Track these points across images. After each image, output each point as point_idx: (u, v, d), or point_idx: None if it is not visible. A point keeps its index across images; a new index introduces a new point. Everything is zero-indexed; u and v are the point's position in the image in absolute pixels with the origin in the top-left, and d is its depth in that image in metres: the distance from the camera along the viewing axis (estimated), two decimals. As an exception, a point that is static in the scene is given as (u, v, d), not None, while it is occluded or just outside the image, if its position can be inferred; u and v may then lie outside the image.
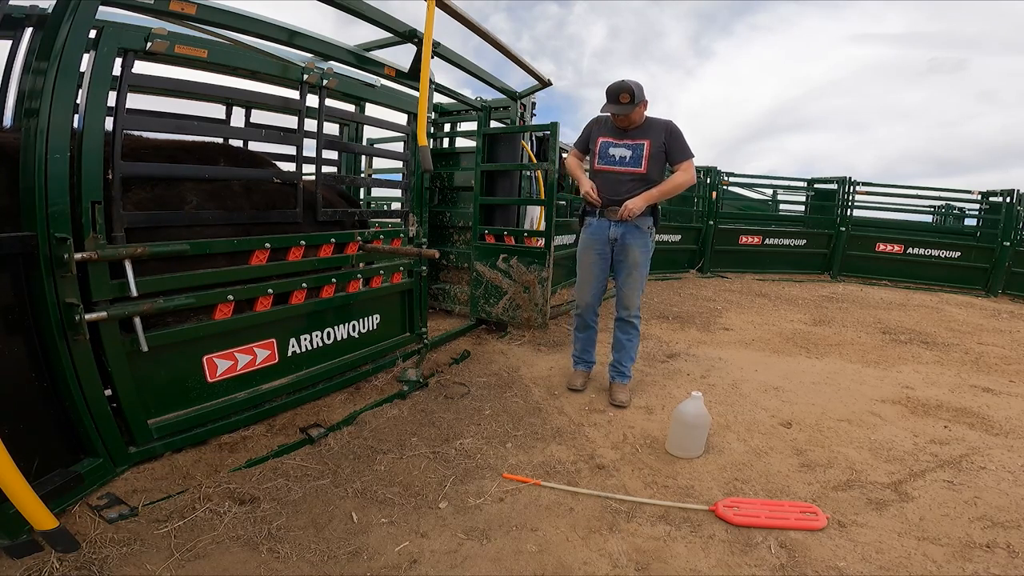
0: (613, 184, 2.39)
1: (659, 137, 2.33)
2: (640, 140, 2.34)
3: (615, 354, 2.59)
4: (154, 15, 1.73)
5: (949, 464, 2.00)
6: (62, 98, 1.40)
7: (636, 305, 2.49)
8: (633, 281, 2.45)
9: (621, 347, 2.56)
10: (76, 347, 1.48)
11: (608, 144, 2.40)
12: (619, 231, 2.40)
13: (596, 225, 2.46)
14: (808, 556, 1.44)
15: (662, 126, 2.34)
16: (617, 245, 2.43)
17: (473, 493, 1.70)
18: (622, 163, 2.36)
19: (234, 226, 1.99)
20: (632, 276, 2.44)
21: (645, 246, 2.42)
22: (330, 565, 1.35)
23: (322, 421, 2.13)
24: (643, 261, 2.43)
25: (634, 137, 2.36)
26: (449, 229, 4.10)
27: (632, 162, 2.35)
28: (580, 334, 2.69)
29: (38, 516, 1.24)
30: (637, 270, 2.43)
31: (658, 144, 2.33)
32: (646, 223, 2.40)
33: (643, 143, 2.33)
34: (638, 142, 2.34)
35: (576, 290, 2.62)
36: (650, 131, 2.35)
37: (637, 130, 2.36)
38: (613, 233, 2.41)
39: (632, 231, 2.40)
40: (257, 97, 2.23)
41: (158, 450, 1.75)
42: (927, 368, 3.30)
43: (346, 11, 2.21)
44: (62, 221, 1.42)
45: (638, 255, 2.41)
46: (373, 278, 2.63)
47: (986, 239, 6.89)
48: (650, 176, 2.35)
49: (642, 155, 2.33)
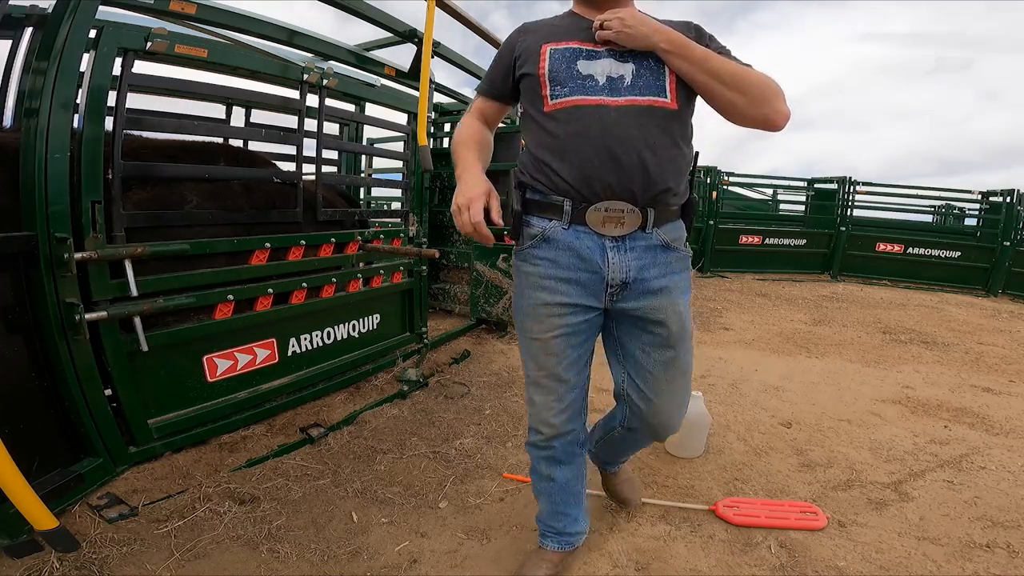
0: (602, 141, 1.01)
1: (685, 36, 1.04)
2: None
3: (607, 452, 1.46)
4: (154, 15, 1.74)
5: (949, 464, 2.00)
6: (62, 98, 1.40)
7: (679, 423, 1.24)
8: (677, 378, 1.17)
9: (628, 452, 1.46)
10: (76, 347, 1.48)
11: (573, 53, 1.06)
12: (630, 260, 1.07)
13: (563, 242, 1.08)
14: (808, 556, 1.44)
15: (681, 23, 1.10)
16: (630, 295, 1.10)
17: (473, 493, 1.70)
18: (616, 88, 1.03)
19: (234, 226, 1.99)
20: (675, 368, 1.15)
21: (687, 288, 1.16)
22: (330, 565, 1.35)
23: (322, 421, 2.13)
24: (688, 323, 1.16)
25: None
26: (449, 229, 4.10)
27: (641, 86, 1.03)
28: (542, 483, 1.28)
29: (38, 516, 1.24)
30: (681, 346, 1.14)
31: None
32: (681, 234, 1.14)
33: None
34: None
35: (528, 397, 1.21)
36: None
37: None
38: (620, 266, 1.07)
39: (659, 258, 1.10)
40: (257, 97, 2.23)
41: (158, 450, 1.75)
42: (927, 368, 3.30)
43: (346, 11, 2.21)
44: (62, 221, 1.42)
45: (683, 314, 1.13)
46: (373, 278, 2.63)
47: (986, 239, 6.88)
48: (686, 117, 1.08)
49: (661, 70, 1.04)
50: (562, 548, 1.32)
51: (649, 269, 1.09)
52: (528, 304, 1.14)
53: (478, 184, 1.02)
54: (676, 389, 1.18)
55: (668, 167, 1.04)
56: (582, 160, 1.02)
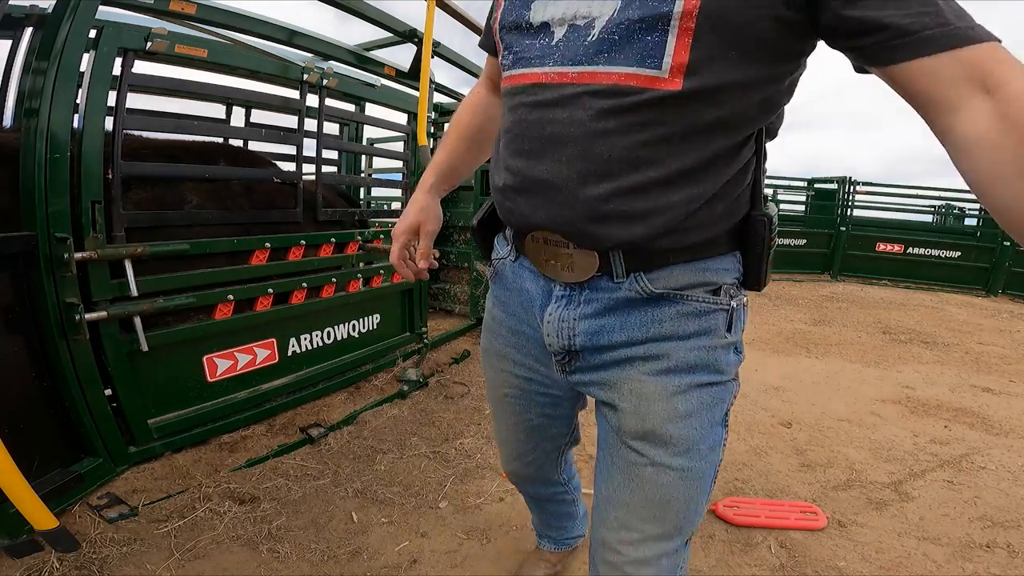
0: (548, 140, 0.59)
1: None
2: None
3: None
4: (154, 15, 1.74)
5: (949, 464, 2.00)
6: (62, 98, 1.39)
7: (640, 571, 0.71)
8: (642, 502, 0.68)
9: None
10: (76, 347, 1.48)
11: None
12: (575, 318, 0.68)
13: (510, 279, 0.77)
14: (808, 556, 1.44)
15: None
16: (581, 368, 0.71)
17: (473, 493, 1.70)
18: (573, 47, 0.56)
19: (234, 226, 1.99)
20: (640, 485, 0.68)
21: (706, 365, 0.66)
22: (330, 565, 1.35)
23: (322, 421, 2.13)
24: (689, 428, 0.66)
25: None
26: (449, 228, 4.10)
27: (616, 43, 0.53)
28: (533, 505, 1.21)
29: (38, 516, 1.24)
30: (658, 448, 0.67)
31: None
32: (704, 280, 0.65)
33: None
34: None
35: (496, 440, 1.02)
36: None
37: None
38: (559, 325, 0.69)
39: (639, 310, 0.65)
40: (257, 97, 2.22)
41: (158, 450, 1.75)
42: (927, 368, 3.30)
43: (346, 11, 2.21)
44: (62, 221, 1.42)
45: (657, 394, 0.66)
46: (373, 278, 2.63)
47: (986, 239, 6.88)
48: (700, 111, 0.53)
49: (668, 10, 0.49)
50: (559, 548, 1.30)
51: (611, 333, 0.66)
52: (482, 347, 0.89)
53: (410, 213, 0.85)
54: (641, 515, 0.69)
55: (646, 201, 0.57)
56: (513, 167, 0.64)
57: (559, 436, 0.94)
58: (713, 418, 0.68)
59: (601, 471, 0.75)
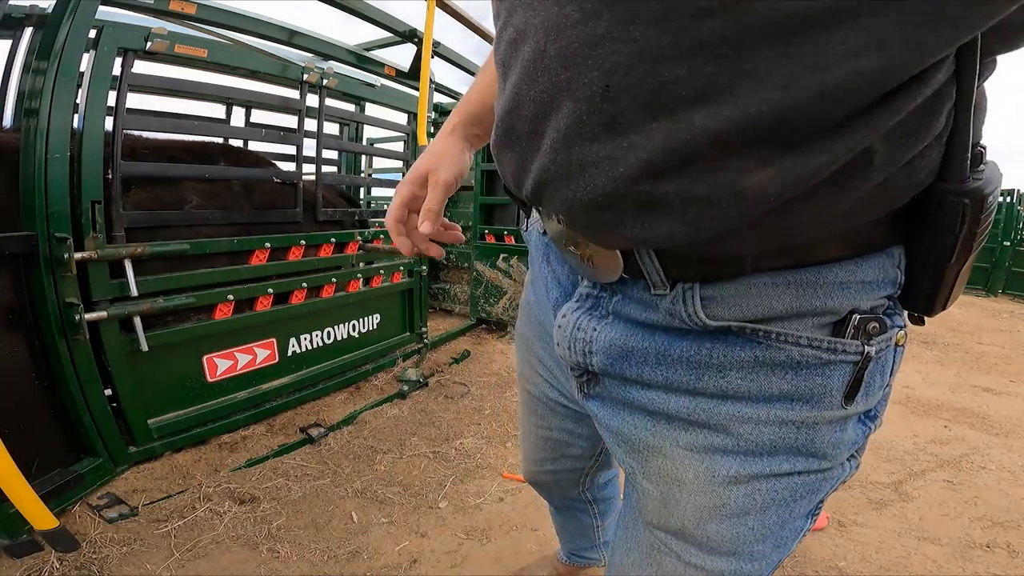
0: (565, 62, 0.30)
1: None
2: None
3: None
4: (154, 15, 1.74)
5: (949, 464, 2.00)
6: (62, 98, 1.40)
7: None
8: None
9: None
10: (76, 347, 1.48)
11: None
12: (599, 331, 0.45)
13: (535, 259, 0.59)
14: (808, 556, 1.44)
15: None
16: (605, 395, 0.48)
17: (473, 493, 1.70)
18: None
19: (234, 226, 2.00)
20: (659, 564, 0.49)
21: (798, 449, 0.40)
22: (330, 565, 1.35)
23: (322, 421, 2.13)
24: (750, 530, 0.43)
25: None
26: (449, 229, 4.10)
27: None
28: (555, 513, 1.08)
29: (38, 515, 1.24)
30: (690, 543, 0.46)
31: None
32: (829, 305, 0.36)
33: None
34: None
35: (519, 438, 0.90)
36: None
37: None
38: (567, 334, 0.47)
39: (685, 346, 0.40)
40: (257, 97, 2.23)
41: (158, 450, 1.75)
42: (927, 368, 3.30)
43: (346, 11, 2.21)
44: (62, 221, 1.42)
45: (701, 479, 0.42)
46: (373, 278, 2.63)
47: (986, 239, 6.88)
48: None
49: None
50: (569, 562, 1.19)
51: (643, 365, 0.44)
52: (516, 327, 0.75)
53: (419, 161, 0.59)
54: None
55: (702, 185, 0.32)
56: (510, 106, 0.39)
57: (582, 458, 0.77)
58: (792, 512, 0.44)
59: (618, 536, 0.57)
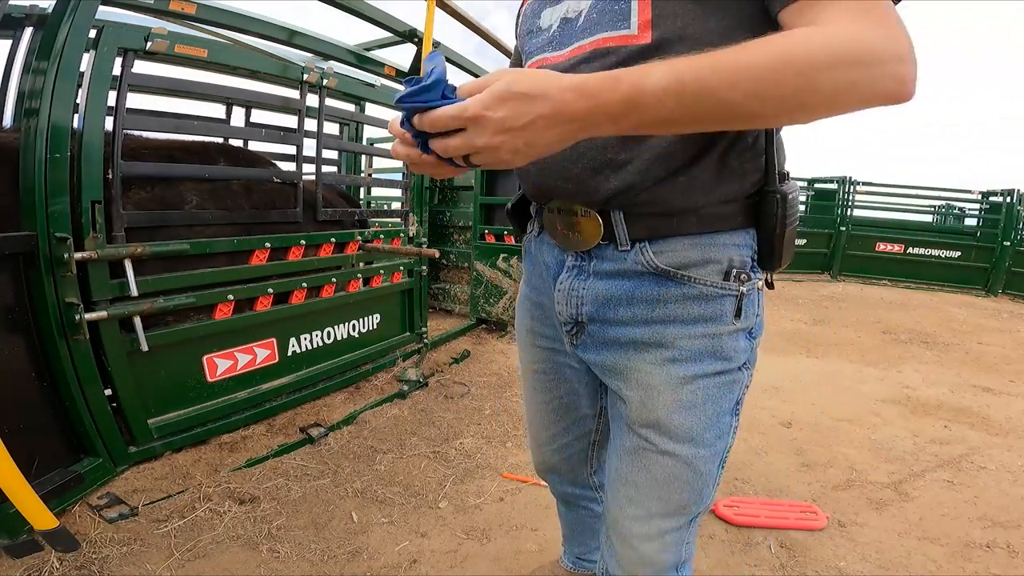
0: None
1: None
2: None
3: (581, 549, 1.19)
4: (154, 15, 1.74)
5: (949, 464, 2.00)
6: (62, 98, 1.40)
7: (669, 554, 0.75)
8: (645, 481, 0.71)
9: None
10: (76, 347, 1.48)
11: (540, 6, 0.74)
12: (584, 288, 0.71)
13: (534, 254, 0.82)
14: (808, 556, 1.44)
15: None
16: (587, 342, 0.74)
17: (473, 493, 1.70)
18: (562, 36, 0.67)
19: (234, 225, 2.00)
20: (642, 466, 0.71)
21: (711, 353, 0.67)
22: (330, 565, 1.35)
23: (322, 421, 2.13)
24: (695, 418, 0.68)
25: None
26: (449, 228, 4.10)
27: (592, 22, 0.63)
28: (563, 509, 1.14)
29: (38, 515, 1.24)
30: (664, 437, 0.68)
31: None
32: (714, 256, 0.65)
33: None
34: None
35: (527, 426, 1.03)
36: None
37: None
38: (569, 295, 0.72)
39: (641, 289, 0.66)
40: (257, 97, 2.23)
41: (158, 450, 1.75)
42: (927, 368, 3.30)
43: (346, 11, 2.21)
44: (62, 221, 1.42)
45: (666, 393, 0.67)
46: (373, 278, 2.63)
47: (986, 239, 6.88)
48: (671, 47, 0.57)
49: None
50: (576, 568, 1.21)
51: (617, 307, 0.67)
52: (516, 324, 0.95)
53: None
54: (645, 493, 0.71)
55: (628, 152, 0.61)
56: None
57: (588, 419, 0.92)
58: (720, 408, 0.69)
59: (611, 452, 0.77)
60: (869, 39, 0.46)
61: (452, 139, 0.50)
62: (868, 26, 0.47)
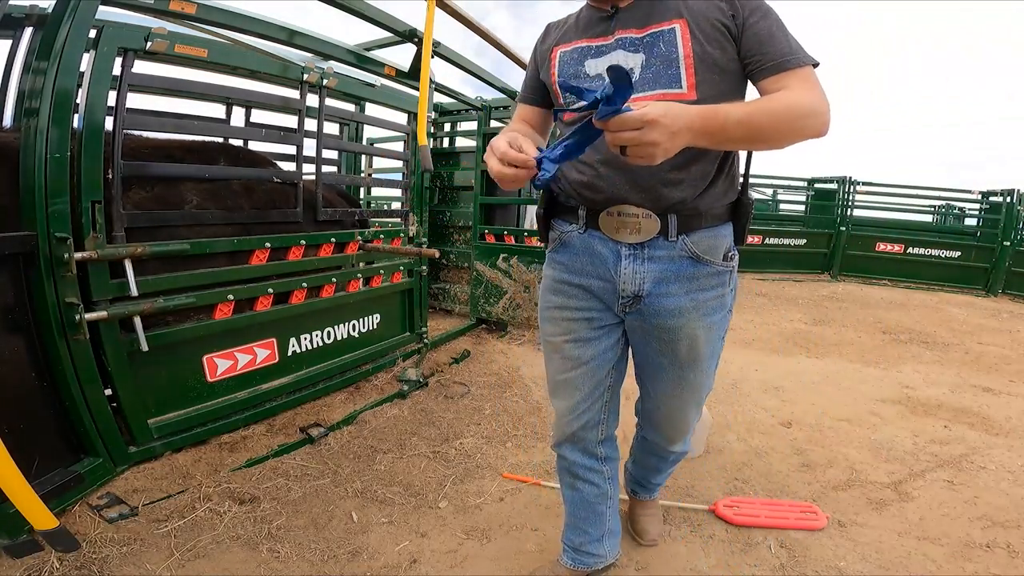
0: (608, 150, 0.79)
1: (710, 10, 0.90)
2: (658, 24, 0.92)
3: (635, 467, 1.47)
4: (154, 15, 1.73)
5: (949, 464, 2.00)
6: (62, 98, 1.40)
7: (689, 431, 1.23)
8: (684, 395, 1.12)
9: (647, 466, 1.42)
10: (76, 347, 1.48)
11: (580, 52, 0.99)
12: (646, 272, 1.00)
13: (579, 247, 1.05)
14: (808, 556, 1.44)
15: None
16: (644, 310, 1.03)
17: (473, 493, 1.70)
18: None
19: (234, 225, 2.00)
20: (683, 387, 1.10)
21: (719, 308, 1.05)
22: (330, 565, 1.35)
23: (322, 421, 2.13)
24: (711, 346, 1.08)
25: (641, 22, 0.94)
26: (449, 228, 4.10)
27: (650, 78, 0.92)
28: (564, 491, 1.28)
29: (38, 515, 1.24)
30: (698, 371, 1.08)
31: (711, 24, 0.90)
32: (720, 242, 1.01)
33: (668, 27, 0.91)
34: (652, 29, 0.92)
35: (552, 399, 1.19)
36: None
37: (644, 3, 0.94)
38: (632, 277, 1.01)
39: (683, 271, 1.00)
40: (257, 97, 2.23)
41: (158, 450, 1.75)
42: (927, 368, 3.30)
43: (346, 11, 2.20)
44: (62, 221, 1.42)
45: (700, 338, 1.03)
46: (373, 278, 2.63)
47: (986, 239, 6.88)
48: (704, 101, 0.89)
49: (675, 55, 0.91)
50: (575, 566, 1.26)
51: (669, 284, 1.00)
52: (544, 306, 1.14)
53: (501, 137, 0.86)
54: (683, 404, 1.14)
55: (682, 174, 0.93)
56: (592, 168, 0.97)
57: (602, 387, 1.14)
58: (720, 336, 1.10)
59: (654, 386, 1.15)
60: (813, 101, 0.85)
61: (629, 134, 0.71)
62: (812, 93, 0.86)
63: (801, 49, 0.89)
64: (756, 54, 0.89)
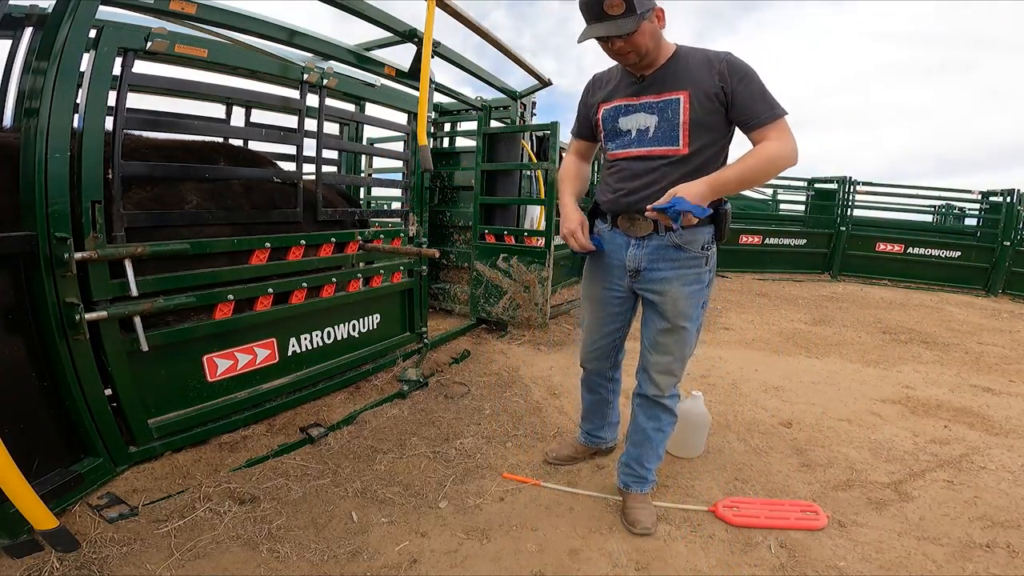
0: (631, 178, 1.42)
1: (708, 82, 1.29)
2: (668, 93, 1.33)
3: (631, 448, 1.61)
4: (154, 15, 1.74)
5: (949, 464, 2.00)
6: (62, 98, 1.40)
7: (674, 382, 1.53)
8: (670, 344, 1.47)
9: (643, 440, 1.58)
10: (76, 347, 1.48)
11: (616, 111, 1.43)
12: (642, 255, 1.45)
13: (608, 238, 1.54)
14: (808, 556, 1.44)
15: (712, 62, 1.30)
16: (641, 280, 1.48)
17: (473, 493, 1.70)
18: (641, 140, 1.39)
19: (234, 225, 1.99)
20: (669, 336, 1.47)
21: (696, 281, 1.44)
22: (330, 565, 1.35)
23: (322, 421, 2.13)
24: (690, 310, 1.44)
25: (657, 89, 1.35)
26: (449, 228, 4.10)
27: (659, 137, 1.36)
28: (586, 394, 1.84)
29: (38, 515, 1.24)
30: (679, 326, 1.45)
31: (706, 95, 1.29)
32: (699, 238, 1.41)
33: (675, 97, 1.32)
34: (665, 97, 1.34)
35: (582, 331, 1.73)
36: (687, 73, 1.32)
37: (661, 75, 1.35)
38: (633, 258, 1.47)
39: (669, 255, 1.42)
40: (257, 97, 2.23)
41: (158, 450, 1.75)
42: (927, 368, 3.30)
43: (346, 11, 2.21)
44: (62, 221, 1.42)
45: (681, 300, 1.43)
46: (373, 278, 2.63)
47: (986, 239, 6.88)
48: (697, 159, 1.35)
49: (677, 121, 1.33)
50: (586, 442, 1.91)
51: (658, 263, 1.45)
52: (587, 271, 1.65)
53: (574, 216, 1.51)
54: (670, 350, 1.49)
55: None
56: (617, 189, 1.47)
57: (621, 328, 1.65)
58: (699, 302, 1.47)
59: (648, 336, 1.51)
60: (783, 147, 1.27)
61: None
62: (783, 141, 1.28)
63: (776, 104, 1.29)
64: (743, 115, 1.31)
